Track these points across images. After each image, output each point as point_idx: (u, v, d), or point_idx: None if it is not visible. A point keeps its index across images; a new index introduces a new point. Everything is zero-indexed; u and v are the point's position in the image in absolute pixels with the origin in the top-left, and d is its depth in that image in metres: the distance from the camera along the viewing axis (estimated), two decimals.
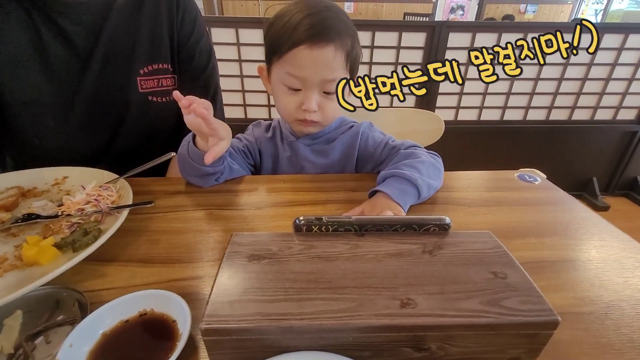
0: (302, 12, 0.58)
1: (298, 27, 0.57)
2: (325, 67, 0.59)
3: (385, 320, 0.29)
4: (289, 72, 0.60)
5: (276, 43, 0.60)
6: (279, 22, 0.60)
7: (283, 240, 0.38)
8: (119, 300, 0.36)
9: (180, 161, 0.62)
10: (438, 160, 0.64)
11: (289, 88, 0.62)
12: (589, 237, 0.53)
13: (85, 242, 0.44)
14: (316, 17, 0.58)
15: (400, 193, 0.55)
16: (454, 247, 0.37)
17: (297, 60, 0.58)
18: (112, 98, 0.68)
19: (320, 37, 0.57)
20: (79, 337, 0.33)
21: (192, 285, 0.42)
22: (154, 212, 0.55)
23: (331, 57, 0.58)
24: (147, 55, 0.69)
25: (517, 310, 0.30)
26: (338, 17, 0.60)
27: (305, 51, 0.57)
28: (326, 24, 0.58)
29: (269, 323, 0.28)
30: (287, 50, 0.58)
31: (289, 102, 0.63)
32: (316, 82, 0.60)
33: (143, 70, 0.69)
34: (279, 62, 0.61)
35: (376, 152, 0.69)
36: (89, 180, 0.57)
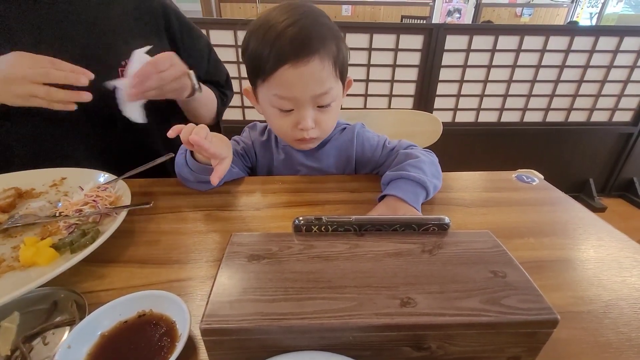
0: (279, 25, 0.52)
1: (276, 44, 0.51)
2: (314, 82, 0.54)
3: (385, 320, 0.29)
4: (277, 95, 0.55)
5: (257, 64, 0.55)
6: (254, 39, 0.54)
7: (282, 240, 0.38)
8: (118, 301, 0.36)
9: (178, 168, 0.62)
10: (435, 158, 0.64)
11: (281, 110, 0.57)
12: (586, 237, 0.53)
13: (84, 243, 0.44)
14: (294, 29, 0.52)
15: (414, 196, 0.55)
16: (454, 247, 0.38)
17: (283, 81, 0.54)
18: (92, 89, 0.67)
19: (303, 51, 0.52)
20: (77, 338, 0.32)
21: (191, 285, 0.42)
22: (153, 213, 0.55)
23: (319, 70, 0.54)
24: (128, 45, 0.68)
25: (517, 308, 0.30)
26: (317, 22, 0.54)
27: (289, 70, 0.52)
28: (306, 33, 0.52)
29: (269, 323, 0.28)
30: (270, 71, 0.53)
31: (283, 123, 0.59)
32: (308, 99, 0.56)
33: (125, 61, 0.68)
34: (263, 85, 0.56)
35: (374, 155, 0.68)
36: (87, 181, 0.57)
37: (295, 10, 0.54)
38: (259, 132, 0.74)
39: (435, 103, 1.94)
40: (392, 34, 1.76)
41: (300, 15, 0.53)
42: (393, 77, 1.86)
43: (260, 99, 0.60)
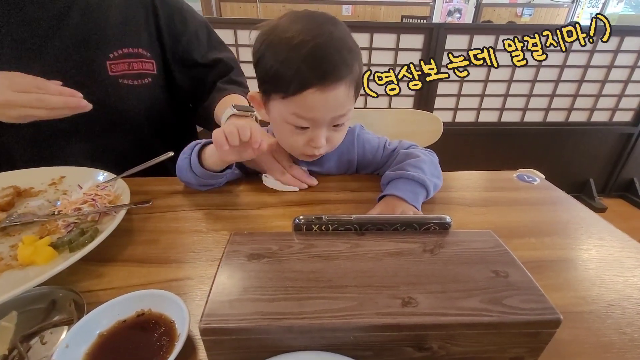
0: (304, 46, 0.49)
1: (303, 67, 0.49)
2: (337, 106, 0.54)
3: (386, 319, 0.28)
4: (296, 114, 0.53)
5: (277, 80, 0.52)
6: (273, 53, 0.51)
7: (283, 239, 0.38)
8: (116, 300, 0.35)
9: (180, 172, 0.61)
10: (435, 157, 0.64)
11: (296, 127, 0.56)
12: (588, 237, 0.53)
13: (82, 242, 0.44)
14: (324, 51, 0.49)
15: (413, 195, 0.55)
16: (455, 246, 0.37)
17: (307, 103, 0.52)
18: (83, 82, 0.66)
19: (332, 77, 0.50)
20: (76, 338, 0.32)
21: (190, 285, 0.42)
22: (152, 212, 0.55)
23: (343, 96, 0.53)
24: (117, 38, 0.69)
25: (519, 308, 0.29)
26: (346, 45, 0.52)
27: (315, 94, 0.50)
28: (335, 59, 0.50)
29: (269, 322, 0.28)
30: (294, 93, 0.51)
31: (297, 140, 0.58)
32: (327, 121, 0.55)
33: (113, 54, 0.68)
34: (282, 102, 0.54)
35: (375, 157, 0.68)
36: (86, 180, 0.57)
37: (322, 28, 0.51)
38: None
39: (436, 103, 1.93)
40: (392, 33, 1.76)
41: (328, 36, 0.50)
42: None
43: (274, 112, 0.58)
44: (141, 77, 0.73)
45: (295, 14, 0.53)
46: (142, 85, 0.73)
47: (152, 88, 0.75)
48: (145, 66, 0.73)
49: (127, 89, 0.71)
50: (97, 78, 0.68)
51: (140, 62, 0.72)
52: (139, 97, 0.73)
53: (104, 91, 0.69)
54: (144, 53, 0.72)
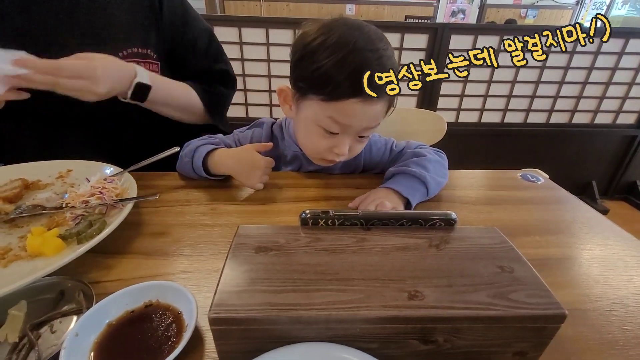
0: (355, 57, 0.50)
1: (351, 78, 0.50)
2: (372, 119, 0.56)
3: (393, 312, 0.29)
4: (332, 118, 0.54)
5: (319, 83, 0.53)
6: (321, 56, 0.51)
7: (289, 233, 0.38)
8: (125, 291, 0.36)
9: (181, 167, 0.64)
10: (443, 157, 0.64)
11: (326, 131, 0.56)
12: (592, 236, 0.53)
13: (90, 234, 0.44)
14: (374, 67, 0.50)
15: (409, 189, 0.56)
16: (461, 242, 0.38)
17: (345, 111, 0.53)
18: None
19: (378, 93, 0.51)
20: (85, 327, 0.33)
21: (197, 277, 0.42)
22: (159, 206, 0.55)
23: (380, 111, 0.55)
24: (125, 38, 0.69)
25: (525, 303, 0.30)
26: (392, 64, 0.53)
27: (358, 105, 0.52)
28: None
29: (277, 313, 0.28)
30: (336, 99, 0.52)
31: (321, 144, 0.59)
32: (358, 130, 0.57)
33: (122, 53, 0.68)
34: (320, 103, 0.54)
35: (382, 159, 0.69)
36: (93, 173, 0.57)
37: (375, 44, 0.52)
38: (266, 134, 0.71)
39: (439, 103, 1.93)
40: (396, 32, 1.76)
41: (380, 54, 0.52)
42: None
43: (306, 111, 0.58)
44: None
45: (348, 23, 0.54)
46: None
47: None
48: (152, 67, 0.73)
49: None
50: None
51: (148, 63, 0.72)
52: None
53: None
54: (150, 54, 0.72)
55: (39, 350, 0.32)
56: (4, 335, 0.34)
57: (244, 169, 0.60)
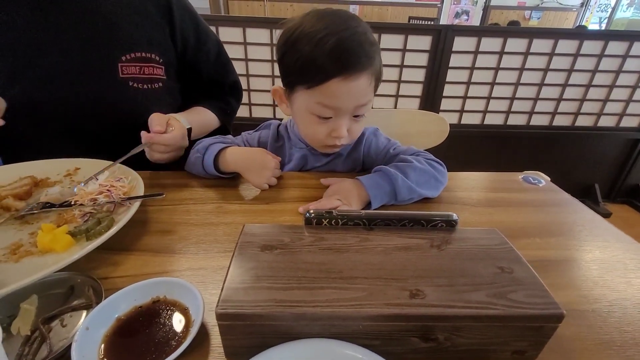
0: (329, 39, 0.52)
1: (329, 58, 0.52)
2: (359, 95, 0.57)
3: (395, 310, 0.30)
4: (321, 103, 0.57)
5: (303, 72, 0.55)
6: (300, 46, 0.54)
7: (294, 232, 0.39)
8: (133, 287, 0.37)
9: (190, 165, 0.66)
10: (439, 169, 0.62)
11: (320, 117, 0.59)
12: (592, 239, 0.53)
13: (99, 231, 0.45)
14: (347, 44, 0.53)
15: (375, 186, 0.57)
16: (462, 243, 0.38)
17: (331, 92, 0.55)
18: (91, 81, 0.68)
19: (356, 67, 0.54)
20: (95, 321, 0.34)
21: (203, 275, 0.43)
22: (165, 204, 0.56)
23: (365, 85, 0.56)
24: (130, 42, 0.70)
25: (523, 303, 0.30)
26: (368, 40, 0.56)
27: (340, 83, 0.54)
28: (358, 51, 0.54)
29: (282, 309, 0.29)
30: (319, 82, 0.54)
31: (319, 130, 0.61)
32: (349, 110, 0.58)
33: (125, 57, 0.69)
34: (307, 92, 0.57)
35: (377, 159, 0.69)
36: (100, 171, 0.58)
37: (344, 24, 0.54)
38: (272, 134, 0.74)
39: (442, 104, 1.94)
40: (400, 34, 1.77)
41: (352, 30, 0.54)
42: (400, 77, 1.87)
43: (297, 103, 0.60)
44: (151, 82, 0.74)
45: (319, 12, 0.56)
46: (152, 90, 0.74)
47: (162, 93, 0.76)
48: (156, 71, 0.74)
49: (136, 92, 0.72)
50: (107, 78, 0.69)
51: (152, 67, 0.73)
52: (148, 101, 0.74)
53: (113, 91, 0.70)
54: (155, 58, 0.73)
55: (50, 343, 0.33)
56: (17, 328, 0.35)
57: (254, 167, 0.62)
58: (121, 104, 0.72)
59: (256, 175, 0.61)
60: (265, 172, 0.61)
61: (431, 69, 1.84)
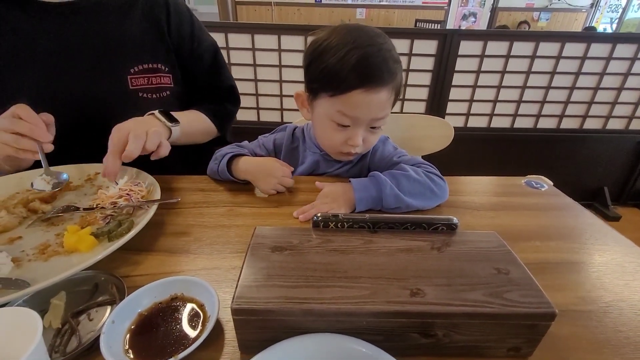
0: (356, 52, 0.56)
1: (354, 70, 0.56)
2: (378, 108, 0.60)
3: (396, 307, 0.32)
4: (341, 112, 0.60)
5: (327, 80, 0.59)
6: (327, 56, 0.58)
7: (302, 234, 0.42)
8: (154, 284, 0.40)
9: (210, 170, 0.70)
10: (438, 184, 0.61)
11: (338, 124, 0.62)
12: (592, 242, 0.55)
13: (120, 232, 0.48)
14: (372, 59, 0.56)
15: (363, 189, 0.59)
16: (461, 245, 0.40)
17: (352, 103, 0.58)
18: (103, 95, 0.71)
19: (379, 81, 0.57)
20: (120, 315, 0.36)
21: (217, 274, 0.46)
22: (179, 208, 0.59)
23: (385, 99, 0.59)
24: (136, 55, 0.72)
25: (518, 302, 0.32)
26: (393, 57, 0.59)
27: (361, 95, 0.57)
28: (382, 66, 0.57)
29: (292, 305, 0.32)
30: (342, 92, 0.58)
31: (336, 137, 0.64)
32: (367, 121, 0.61)
33: (134, 69, 0.72)
34: (329, 99, 0.60)
35: (381, 166, 0.71)
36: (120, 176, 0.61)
37: (373, 39, 0.58)
38: (287, 136, 0.77)
39: (448, 108, 1.95)
40: (406, 39, 1.79)
41: (379, 47, 0.57)
42: (406, 81, 1.88)
43: (319, 109, 0.64)
44: (160, 91, 0.76)
45: (348, 27, 0.60)
46: (160, 99, 0.76)
47: (170, 101, 0.78)
48: (164, 80, 0.76)
49: (145, 102, 0.74)
50: (117, 91, 0.72)
51: (159, 77, 0.75)
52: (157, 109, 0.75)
53: (124, 103, 0.72)
54: (161, 68, 0.75)
55: (79, 335, 0.36)
56: (48, 321, 0.38)
57: (261, 174, 0.65)
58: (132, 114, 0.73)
59: (263, 182, 0.64)
60: (271, 179, 0.64)
61: (437, 73, 1.85)
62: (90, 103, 0.71)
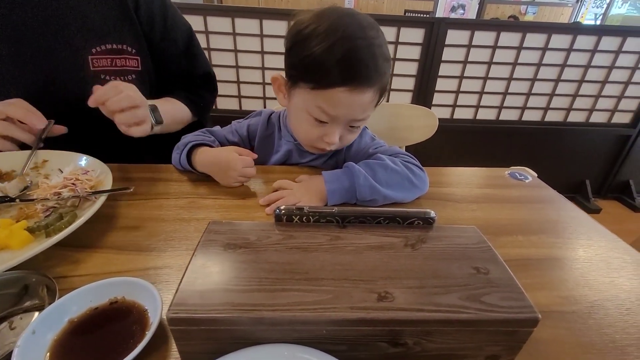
0: (344, 45, 0.49)
1: (339, 66, 0.50)
2: (360, 109, 0.55)
3: (360, 314, 0.28)
4: (320, 108, 0.54)
5: (308, 72, 0.53)
6: (311, 44, 0.51)
7: (262, 229, 0.37)
8: (89, 287, 0.35)
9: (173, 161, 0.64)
10: (417, 174, 0.57)
11: (316, 119, 0.56)
12: (576, 236, 0.52)
13: (59, 227, 0.43)
14: (360, 55, 0.50)
15: (335, 180, 0.55)
16: (437, 242, 0.36)
17: (333, 100, 0.53)
18: (62, 76, 0.66)
19: (363, 82, 0.51)
20: (44, 324, 0.31)
21: (168, 274, 0.41)
22: (134, 199, 0.54)
23: (369, 101, 0.54)
24: (99, 34, 0.67)
25: (497, 306, 0.29)
26: (382, 52, 0.53)
27: (344, 93, 0.51)
28: (370, 65, 0.51)
29: (239, 314, 0.27)
30: (324, 87, 0.52)
31: (311, 132, 0.59)
32: (347, 121, 0.57)
33: (95, 50, 0.67)
34: (309, 92, 0.54)
35: (357, 157, 0.66)
36: (68, 164, 0.55)
37: (365, 32, 0.51)
38: (263, 122, 0.71)
39: (435, 99, 1.92)
40: (393, 26, 1.73)
41: (370, 41, 0.51)
42: (392, 70, 1.84)
43: (297, 99, 0.58)
44: (124, 74, 0.71)
45: (338, 12, 0.53)
46: (125, 82, 0.70)
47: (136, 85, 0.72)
48: (130, 63, 0.71)
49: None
50: (78, 72, 0.66)
51: (124, 59, 0.70)
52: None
53: (85, 85, 0.67)
54: (127, 49, 0.70)
55: None
56: None
57: (220, 168, 0.59)
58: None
59: (223, 176, 0.59)
60: (231, 172, 0.58)
61: (424, 63, 1.81)
62: (49, 85, 0.65)
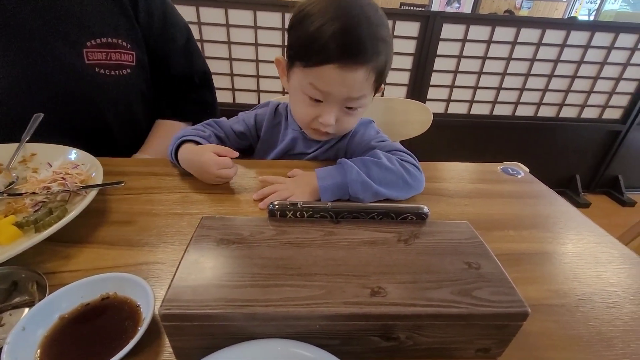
0: (336, 22, 0.49)
1: (330, 42, 0.49)
2: (352, 87, 0.54)
3: (353, 309, 0.28)
4: (312, 84, 0.54)
5: (302, 50, 0.53)
6: (306, 23, 0.51)
7: (255, 225, 0.37)
8: (80, 283, 0.34)
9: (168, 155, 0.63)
10: (412, 174, 0.56)
11: (311, 98, 0.56)
12: (566, 231, 0.53)
13: (49, 222, 0.42)
14: (353, 34, 0.50)
15: (327, 176, 0.55)
16: (430, 237, 0.37)
17: (324, 77, 0.53)
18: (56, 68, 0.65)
19: (355, 59, 0.51)
20: (34, 320, 0.31)
21: (161, 269, 0.40)
22: (126, 194, 0.53)
23: (361, 80, 0.53)
24: (94, 27, 0.67)
25: (488, 301, 0.29)
26: (379, 34, 0.52)
27: (335, 70, 0.51)
28: (363, 44, 0.50)
29: (232, 309, 0.27)
30: (315, 64, 0.52)
31: (306, 112, 0.58)
32: (339, 99, 0.56)
33: (91, 43, 0.66)
34: (302, 70, 0.55)
35: (357, 150, 0.66)
36: (57, 157, 0.54)
37: (356, 12, 0.51)
38: (270, 112, 0.71)
39: (429, 93, 1.91)
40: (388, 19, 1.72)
41: (365, 20, 0.51)
42: None
43: (293, 79, 0.59)
44: (119, 68, 0.70)
45: None
46: (120, 76, 0.71)
47: (131, 81, 0.73)
48: (125, 57, 0.71)
49: (102, 79, 0.69)
50: (73, 65, 0.65)
51: (119, 53, 0.70)
52: (116, 88, 0.71)
53: (79, 78, 0.67)
54: (122, 44, 0.69)
55: None
56: None
57: (196, 169, 0.58)
58: (88, 91, 0.68)
59: (201, 177, 0.58)
60: (207, 175, 0.56)
61: (419, 57, 1.81)
62: (42, 76, 0.64)
